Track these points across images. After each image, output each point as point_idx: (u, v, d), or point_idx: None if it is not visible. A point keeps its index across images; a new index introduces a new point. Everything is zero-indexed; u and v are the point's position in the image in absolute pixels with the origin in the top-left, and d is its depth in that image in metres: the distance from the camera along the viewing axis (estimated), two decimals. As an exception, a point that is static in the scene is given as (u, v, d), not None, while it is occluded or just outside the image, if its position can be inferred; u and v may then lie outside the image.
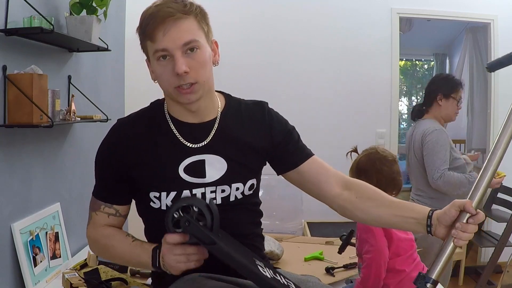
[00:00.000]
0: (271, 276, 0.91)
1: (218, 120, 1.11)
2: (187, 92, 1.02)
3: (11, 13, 1.60)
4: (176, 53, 0.99)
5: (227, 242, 0.93)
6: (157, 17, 0.99)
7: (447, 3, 3.25)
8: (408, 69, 7.15)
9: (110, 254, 1.13)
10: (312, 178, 1.15)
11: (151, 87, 3.39)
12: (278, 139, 1.16)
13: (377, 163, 1.67)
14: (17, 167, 1.69)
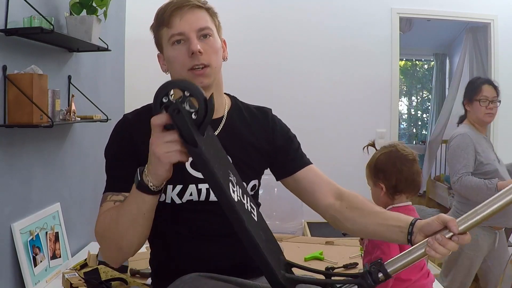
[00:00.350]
0: (237, 199, 0.85)
1: (225, 119, 1.14)
2: (200, 74, 1.05)
3: (11, 13, 1.59)
4: (191, 35, 1.04)
5: (209, 148, 0.84)
6: (174, 4, 1.06)
7: (447, 3, 3.25)
8: (408, 69, 7.16)
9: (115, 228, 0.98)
10: (308, 186, 1.17)
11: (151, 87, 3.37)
12: (279, 144, 1.18)
13: (397, 163, 1.60)
14: (17, 167, 1.69)
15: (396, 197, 1.62)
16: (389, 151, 1.64)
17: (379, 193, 1.64)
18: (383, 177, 1.61)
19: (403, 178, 1.59)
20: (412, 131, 7.22)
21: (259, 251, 0.83)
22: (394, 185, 1.60)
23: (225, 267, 1.09)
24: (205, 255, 1.09)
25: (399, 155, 1.61)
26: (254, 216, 0.91)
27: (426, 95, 7.21)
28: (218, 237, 1.09)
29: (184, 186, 1.06)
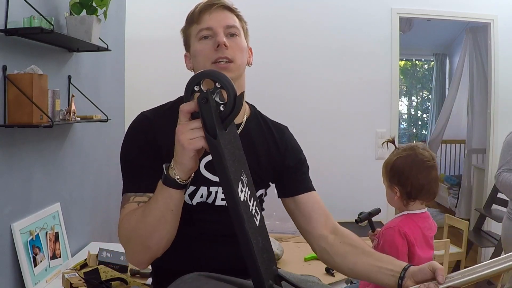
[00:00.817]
0: (243, 199, 0.85)
1: (243, 125, 1.15)
2: (224, 67, 1.05)
3: (11, 13, 1.60)
4: (218, 30, 1.07)
5: (228, 143, 0.84)
6: (205, 3, 1.11)
7: (447, 3, 3.25)
8: (408, 69, 7.16)
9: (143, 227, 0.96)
10: (306, 211, 1.17)
11: (151, 87, 3.39)
12: (289, 164, 1.19)
13: (414, 169, 1.53)
14: (17, 167, 1.69)
15: (411, 203, 1.58)
16: (407, 154, 1.57)
17: (393, 196, 1.60)
18: (397, 182, 1.56)
19: (419, 186, 1.53)
20: (412, 131, 7.22)
21: (251, 254, 0.83)
22: (409, 191, 1.55)
23: (227, 270, 1.09)
24: (208, 257, 1.09)
25: (417, 160, 1.54)
26: (256, 221, 0.91)
27: (426, 95, 7.21)
28: (222, 240, 1.09)
29: (196, 187, 1.07)
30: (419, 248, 1.52)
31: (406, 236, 1.50)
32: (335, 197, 3.14)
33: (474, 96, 4.49)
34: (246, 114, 1.18)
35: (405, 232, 1.50)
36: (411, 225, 1.54)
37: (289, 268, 1.36)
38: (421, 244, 1.55)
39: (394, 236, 1.50)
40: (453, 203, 5.14)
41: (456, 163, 6.14)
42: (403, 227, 1.51)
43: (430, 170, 1.54)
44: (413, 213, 1.57)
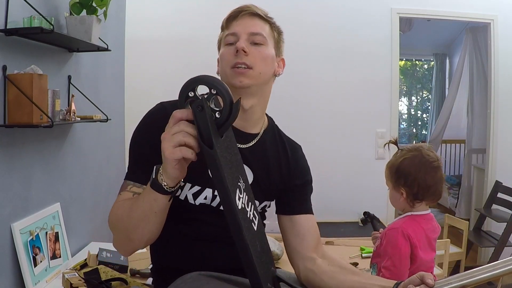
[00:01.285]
0: (241, 207, 0.84)
1: (260, 136, 1.15)
2: (241, 72, 1.04)
3: (11, 13, 1.59)
4: (241, 36, 1.07)
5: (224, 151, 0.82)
6: (238, 10, 1.11)
7: (447, 3, 3.25)
8: (408, 69, 7.16)
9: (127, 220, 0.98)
10: (301, 232, 1.16)
11: (151, 87, 3.39)
12: (295, 183, 1.19)
13: (422, 170, 1.52)
14: (17, 167, 1.69)
15: (416, 204, 1.56)
16: (413, 155, 1.55)
17: (399, 197, 1.58)
18: (404, 183, 1.54)
19: (426, 187, 1.52)
20: (412, 131, 7.22)
21: (251, 262, 0.83)
22: (416, 192, 1.53)
23: (227, 270, 1.09)
24: (208, 257, 1.09)
25: (424, 161, 1.53)
26: (254, 226, 0.90)
27: (426, 95, 7.20)
28: (223, 242, 1.09)
29: (201, 188, 1.06)
30: (421, 251, 1.51)
31: (410, 238, 1.49)
32: (335, 197, 3.14)
33: (474, 96, 4.49)
34: (264, 126, 1.18)
35: (408, 233, 1.49)
36: (415, 226, 1.53)
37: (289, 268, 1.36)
38: (424, 246, 1.54)
39: (397, 237, 1.49)
40: (453, 203, 5.14)
41: (456, 163, 6.14)
42: (406, 229, 1.50)
43: (436, 171, 1.53)
44: (417, 214, 1.56)
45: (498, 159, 3.44)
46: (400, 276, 1.45)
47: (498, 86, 3.37)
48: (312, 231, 1.17)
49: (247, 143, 1.12)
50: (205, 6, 3.06)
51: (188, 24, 3.04)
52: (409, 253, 1.48)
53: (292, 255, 1.17)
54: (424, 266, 1.52)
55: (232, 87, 1.01)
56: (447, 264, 2.72)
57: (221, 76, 1.10)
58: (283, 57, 1.19)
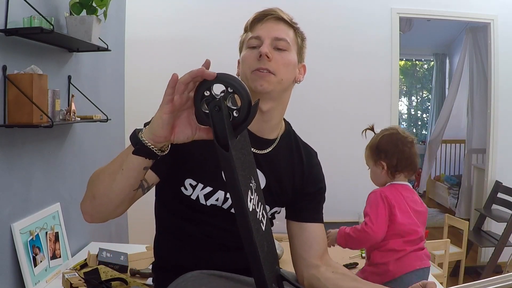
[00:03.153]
0: (252, 209, 0.83)
1: (277, 143, 1.14)
2: (263, 76, 1.03)
3: (11, 13, 1.59)
4: (265, 41, 1.05)
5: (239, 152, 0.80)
6: (263, 13, 1.09)
7: (447, 3, 3.25)
8: (408, 69, 7.16)
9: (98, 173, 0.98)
10: (308, 240, 1.16)
11: (151, 87, 3.38)
12: (308, 190, 1.18)
13: (399, 144, 1.69)
14: (17, 167, 1.69)
15: (396, 176, 1.71)
16: (391, 133, 1.74)
17: (380, 172, 1.72)
18: (384, 157, 1.70)
19: (404, 158, 1.68)
20: (412, 131, 7.22)
21: (258, 264, 0.83)
22: (395, 164, 1.69)
23: (230, 269, 1.09)
24: (212, 261, 1.08)
25: (401, 137, 1.71)
26: (262, 226, 0.90)
27: (426, 95, 7.21)
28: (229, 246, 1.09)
29: (214, 189, 1.06)
30: (400, 212, 1.61)
31: (387, 198, 1.62)
32: (335, 197, 3.13)
33: (474, 96, 4.49)
34: (281, 131, 1.17)
35: (386, 195, 1.63)
36: (394, 191, 1.66)
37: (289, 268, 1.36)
38: (403, 210, 1.63)
39: (375, 198, 1.64)
40: (453, 203, 5.14)
41: (456, 163, 6.14)
42: (384, 191, 1.65)
43: (412, 145, 1.71)
44: (397, 183, 1.70)
45: (498, 159, 3.44)
46: (375, 232, 1.59)
47: (498, 86, 3.37)
48: (320, 240, 1.17)
49: (263, 149, 1.11)
50: (205, 6, 3.06)
51: (188, 24, 3.04)
52: (386, 215, 1.61)
53: (297, 260, 1.18)
54: (407, 228, 1.61)
55: (252, 90, 1.00)
56: (447, 264, 2.73)
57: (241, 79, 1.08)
58: (304, 63, 1.19)
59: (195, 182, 1.05)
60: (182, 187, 1.06)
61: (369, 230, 1.59)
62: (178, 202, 1.08)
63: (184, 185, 1.05)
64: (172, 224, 1.11)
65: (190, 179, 1.05)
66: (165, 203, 1.13)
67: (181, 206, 1.07)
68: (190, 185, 1.05)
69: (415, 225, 1.63)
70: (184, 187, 1.06)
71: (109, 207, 0.93)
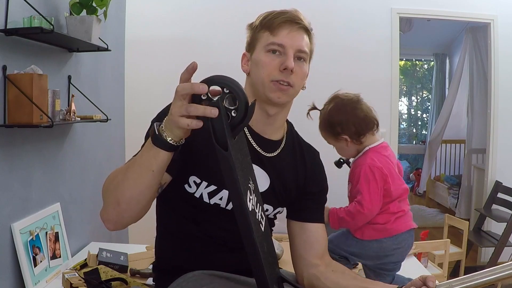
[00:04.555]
0: (251, 209, 0.84)
1: (283, 145, 1.14)
2: (283, 89, 1.04)
3: (11, 13, 1.59)
4: (289, 52, 1.04)
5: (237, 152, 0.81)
6: (287, 16, 1.07)
7: (447, 3, 3.25)
8: (408, 69, 7.16)
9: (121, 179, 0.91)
10: (309, 240, 1.16)
11: (151, 87, 3.38)
12: (311, 190, 1.18)
13: (348, 109, 1.60)
14: (17, 167, 1.69)
15: (363, 140, 1.64)
16: (334, 104, 1.64)
17: (345, 145, 1.65)
18: (341, 129, 1.62)
19: (359, 121, 1.60)
20: (412, 131, 7.22)
21: (258, 261, 0.83)
22: (355, 130, 1.61)
23: (230, 269, 1.09)
24: (213, 261, 1.08)
25: (345, 101, 1.62)
26: (262, 226, 0.91)
27: (426, 95, 7.20)
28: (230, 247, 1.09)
29: (218, 188, 1.05)
30: (391, 179, 1.57)
31: (380, 171, 1.56)
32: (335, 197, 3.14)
33: (474, 96, 4.49)
34: (284, 131, 1.17)
35: (377, 167, 1.56)
36: (378, 157, 1.60)
37: (289, 268, 1.36)
38: (393, 173, 1.60)
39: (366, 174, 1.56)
40: (453, 203, 5.14)
41: (456, 163, 6.14)
42: (373, 163, 1.57)
43: (360, 103, 1.65)
44: (374, 146, 1.63)
45: (498, 159, 3.43)
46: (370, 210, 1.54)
47: (498, 86, 3.37)
48: (321, 240, 1.17)
49: (269, 151, 1.11)
50: (205, 6, 3.06)
51: (189, 24, 3.04)
52: (379, 186, 1.55)
53: (298, 260, 1.18)
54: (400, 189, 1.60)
55: (265, 98, 1.03)
56: (447, 264, 2.73)
57: (253, 82, 1.08)
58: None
59: (200, 179, 1.05)
60: (186, 185, 1.05)
61: (364, 210, 1.54)
62: (181, 200, 1.07)
63: (188, 182, 1.05)
64: (173, 223, 1.11)
65: (194, 176, 1.05)
66: (167, 201, 1.12)
67: (184, 204, 1.07)
68: (194, 182, 1.05)
69: (403, 183, 1.63)
70: (188, 185, 1.05)
71: (136, 210, 0.91)
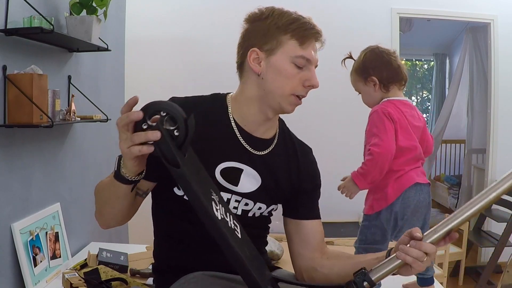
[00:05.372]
0: (221, 218, 0.86)
1: (275, 143, 1.14)
2: (298, 103, 1.09)
3: (11, 13, 1.59)
4: (313, 68, 1.07)
5: (191, 167, 0.84)
6: (316, 30, 1.08)
7: (447, 3, 3.25)
8: (408, 69, 7.15)
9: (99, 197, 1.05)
10: (306, 237, 1.16)
11: (151, 87, 3.38)
12: (305, 187, 1.18)
13: (385, 56, 1.69)
14: (17, 167, 1.69)
15: (390, 89, 1.69)
16: (371, 50, 1.72)
17: (372, 89, 1.70)
18: (373, 72, 1.68)
19: (393, 69, 1.69)
20: (412, 131, 7.22)
21: (244, 266, 0.83)
22: (386, 76, 1.68)
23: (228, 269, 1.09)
24: (211, 259, 1.08)
25: (382, 50, 1.71)
26: (238, 234, 0.91)
27: (426, 95, 7.20)
28: None
29: None
30: (400, 129, 1.60)
31: (390, 115, 1.60)
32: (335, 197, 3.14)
33: (474, 96, 4.49)
34: (275, 130, 1.17)
35: (388, 111, 1.61)
36: (393, 108, 1.64)
37: (289, 268, 1.36)
38: (404, 126, 1.62)
39: (379, 116, 1.61)
40: (453, 203, 5.14)
41: (456, 163, 6.13)
42: (385, 108, 1.62)
43: (396, 56, 1.74)
44: (394, 99, 1.68)
45: (498, 159, 3.43)
46: (388, 149, 1.56)
47: (498, 86, 3.37)
48: (317, 236, 1.17)
49: (260, 150, 1.11)
50: (205, 6, 3.06)
51: (188, 23, 3.04)
52: (393, 127, 1.60)
53: (296, 257, 1.18)
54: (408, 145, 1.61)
55: (278, 107, 1.06)
56: (447, 264, 2.73)
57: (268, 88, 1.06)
58: None
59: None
60: (175, 188, 1.06)
61: (381, 150, 1.55)
62: (172, 203, 1.08)
63: (176, 185, 1.06)
64: (169, 225, 1.12)
65: None
66: (160, 204, 1.14)
67: (176, 205, 1.08)
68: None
69: (414, 141, 1.63)
70: (177, 187, 1.06)
71: (120, 218, 1.04)
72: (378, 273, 0.91)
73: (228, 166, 1.06)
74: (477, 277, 3.18)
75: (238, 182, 1.07)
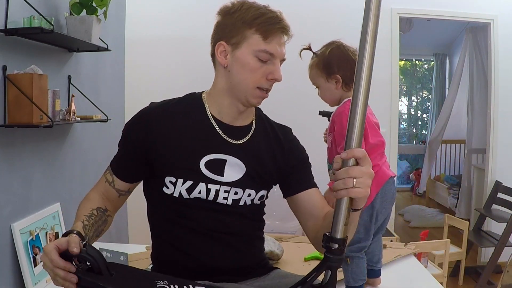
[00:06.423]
0: None
1: (253, 131, 1.16)
2: (264, 96, 1.11)
3: (11, 13, 1.59)
4: (277, 62, 1.09)
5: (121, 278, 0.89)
6: (281, 25, 1.07)
7: (447, 3, 3.25)
8: (408, 69, 7.16)
9: None
10: (307, 209, 1.16)
11: (151, 87, 3.38)
12: (292, 164, 1.19)
13: (350, 55, 1.61)
14: (17, 167, 1.69)
15: (350, 88, 1.63)
16: (335, 46, 1.65)
17: (334, 87, 1.65)
18: (338, 70, 1.62)
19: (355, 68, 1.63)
20: (412, 131, 7.22)
21: None
22: (350, 75, 1.61)
23: (224, 265, 1.09)
24: (206, 252, 1.10)
25: (348, 47, 1.63)
26: None
27: (426, 95, 7.20)
28: (220, 235, 1.10)
29: (194, 182, 1.07)
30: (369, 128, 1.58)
31: None
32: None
33: (474, 96, 4.49)
34: (252, 117, 1.19)
35: None
36: None
37: (289, 268, 1.36)
38: (371, 125, 1.61)
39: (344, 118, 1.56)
40: (453, 203, 5.14)
41: (456, 163, 6.14)
42: None
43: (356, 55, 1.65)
44: None
45: (498, 159, 3.44)
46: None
47: (498, 86, 3.37)
48: (318, 204, 1.16)
49: (239, 138, 1.13)
50: (205, 5, 3.05)
51: (188, 23, 3.04)
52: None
53: (307, 231, 1.18)
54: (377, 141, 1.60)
55: (245, 100, 1.08)
56: (447, 264, 2.73)
57: (234, 81, 1.09)
58: None
59: (175, 178, 1.07)
60: (164, 187, 1.08)
61: None
62: (164, 204, 1.10)
63: (165, 184, 1.08)
64: (164, 224, 1.13)
65: (169, 176, 1.08)
66: (153, 204, 1.16)
67: (168, 204, 1.10)
68: (170, 182, 1.08)
69: (380, 136, 1.63)
70: (165, 186, 1.08)
71: None
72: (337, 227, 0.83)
73: (211, 158, 1.08)
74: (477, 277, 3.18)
75: (223, 173, 1.09)
